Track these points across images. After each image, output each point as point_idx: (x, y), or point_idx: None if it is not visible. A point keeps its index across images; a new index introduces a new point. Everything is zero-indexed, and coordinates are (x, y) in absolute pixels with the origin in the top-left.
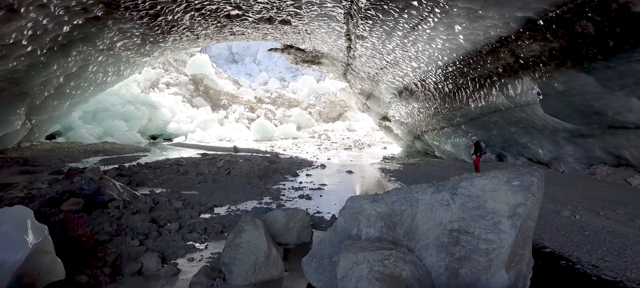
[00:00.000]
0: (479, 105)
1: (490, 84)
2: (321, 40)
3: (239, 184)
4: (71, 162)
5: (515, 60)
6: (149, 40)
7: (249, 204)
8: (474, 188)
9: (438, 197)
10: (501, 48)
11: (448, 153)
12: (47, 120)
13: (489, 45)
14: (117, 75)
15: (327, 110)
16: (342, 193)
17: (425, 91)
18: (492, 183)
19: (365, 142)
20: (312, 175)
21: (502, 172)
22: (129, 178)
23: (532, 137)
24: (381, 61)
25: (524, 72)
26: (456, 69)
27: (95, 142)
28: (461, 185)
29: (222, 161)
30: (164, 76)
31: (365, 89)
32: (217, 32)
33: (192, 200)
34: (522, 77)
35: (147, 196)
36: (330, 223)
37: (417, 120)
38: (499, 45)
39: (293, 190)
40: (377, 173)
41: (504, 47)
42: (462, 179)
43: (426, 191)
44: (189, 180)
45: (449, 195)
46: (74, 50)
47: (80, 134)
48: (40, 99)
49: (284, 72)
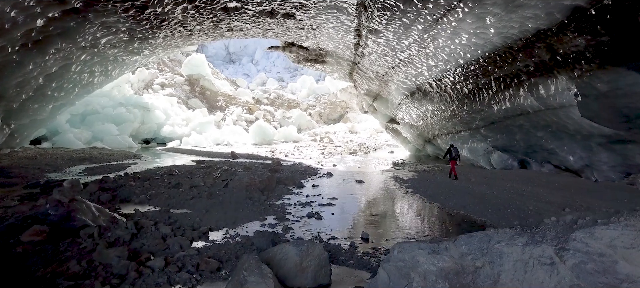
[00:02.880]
0: (503, 108)
1: (518, 84)
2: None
3: (238, 199)
4: (52, 172)
5: (552, 57)
6: (137, 37)
7: (250, 226)
8: (595, 241)
9: (535, 251)
10: (537, 43)
11: (464, 158)
12: (28, 124)
13: (523, 39)
14: (104, 75)
15: (328, 111)
16: (355, 209)
17: (441, 92)
18: (625, 235)
19: (370, 146)
20: (319, 186)
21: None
22: (112, 193)
23: (561, 142)
24: (393, 59)
25: (561, 70)
26: (479, 67)
27: (83, 148)
28: (574, 237)
29: (219, 171)
30: (158, 77)
31: (372, 89)
32: (213, 28)
33: (183, 222)
34: (557, 76)
35: (129, 219)
36: (350, 254)
37: (430, 123)
38: (535, 39)
39: (300, 206)
40: (390, 182)
41: (540, 41)
42: (571, 225)
43: (514, 242)
44: (181, 194)
45: (554, 249)
46: (52, 47)
47: (67, 139)
48: (17, 102)
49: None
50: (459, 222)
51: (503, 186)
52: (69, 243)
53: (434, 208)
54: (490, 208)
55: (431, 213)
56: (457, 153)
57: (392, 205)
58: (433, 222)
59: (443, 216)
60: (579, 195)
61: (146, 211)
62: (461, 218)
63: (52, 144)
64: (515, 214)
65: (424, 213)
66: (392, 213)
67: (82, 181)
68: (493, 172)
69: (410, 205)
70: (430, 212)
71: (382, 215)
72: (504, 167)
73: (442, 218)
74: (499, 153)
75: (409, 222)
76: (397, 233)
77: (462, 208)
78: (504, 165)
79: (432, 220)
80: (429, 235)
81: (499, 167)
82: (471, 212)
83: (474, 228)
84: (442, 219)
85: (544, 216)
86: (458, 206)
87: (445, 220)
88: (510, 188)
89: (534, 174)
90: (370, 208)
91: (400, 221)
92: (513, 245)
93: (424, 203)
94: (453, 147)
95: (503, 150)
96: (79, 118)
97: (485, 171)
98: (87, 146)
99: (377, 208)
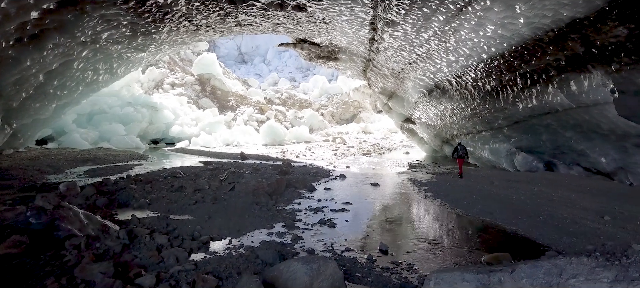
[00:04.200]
0: (529, 106)
1: (546, 80)
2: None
3: (245, 204)
4: (52, 174)
5: (587, 50)
6: (140, 31)
7: (256, 235)
8: None
9: None
10: (571, 34)
11: (484, 160)
12: (31, 124)
13: (555, 30)
14: (109, 73)
15: (340, 111)
16: (371, 216)
17: (462, 89)
18: None
19: (384, 146)
20: (331, 190)
21: None
22: (110, 197)
23: (592, 143)
24: (410, 54)
25: (596, 64)
26: (504, 62)
27: (89, 148)
28: None
29: (226, 172)
30: (169, 76)
31: (387, 87)
32: (220, 22)
33: (183, 230)
34: (592, 70)
35: (123, 228)
36: (367, 269)
37: (449, 122)
38: (569, 30)
39: (311, 213)
40: (407, 186)
41: (575, 32)
42: None
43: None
44: (183, 198)
45: None
46: (50, 42)
47: (73, 139)
48: (17, 101)
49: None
50: (487, 231)
51: (530, 190)
52: (51, 256)
53: (457, 215)
54: (520, 215)
55: (455, 221)
56: (464, 151)
57: (411, 211)
58: (458, 232)
59: (469, 224)
60: (616, 200)
61: (144, 217)
62: (489, 227)
63: (58, 144)
64: (549, 222)
65: (447, 221)
66: (412, 220)
67: (81, 183)
68: (517, 175)
69: (431, 212)
70: (454, 220)
71: (400, 223)
72: (529, 169)
73: (468, 227)
74: (523, 154)
75: (431, 231)
76: (419, 245)
77: (488, 216)
78: (529, 167)
79: (457, 229)
80: (457, 247)
81: (523, 169)
82: (499, 219)
83: (507, 240)
84: (468, 228)
85: (582, 224)
86: (484, 213)
87: (472, 230)
88: (538, 193)
89: (561, 177)
90: (388, 215)
91: (421, 230)
92: (596, 281)
93: (445, 210)
94: (460, 144)
95: (528, 151)
96: (86, 118)
97: (508, 173)
98: (93, 146)
99: (394, 215)
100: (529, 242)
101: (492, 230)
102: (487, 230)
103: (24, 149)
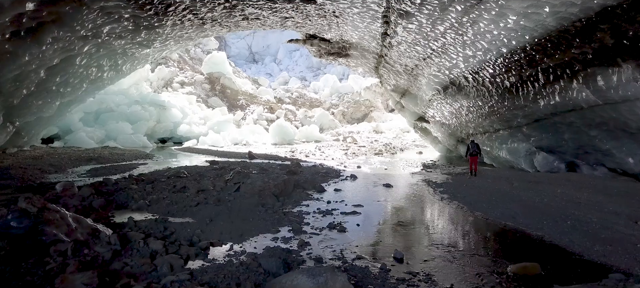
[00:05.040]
0: (551, 103)
1: (571, 75)
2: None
3: (250, 206)
4: (53, 173)
5: (617, 42)
6: (143, 25)
7: (259, 240)
8: None
9: None
10: (600, 24)
11: (501, 160)
12: (35, 122)
13: (583, 20)
14: (114, 70)
15: (351, 111)
16: (384, 220)
17: (479, 86)
18: None
19: (396, 146)
20: (341, 191)
21: None
22: (108, 197)
23: (619, 143)
24: (425, 49)
25: (627, 57)
26: (525, 56)
27: (95, 147)
28: None
29: (232, 172)
30: (178, 75)
31: (400, 85)
32: (226, 15)
33: (182, 234)
34: (622, 64)
35: (117, 231)
36: (381, 281)
37: (464, 121)
38: (599, 19)
39: (319, 215)
40: (422, 187)
41: (605, 22)
42: None
43: None
44: (185, 200)
45: None
46: (48, 36)
47: (80, 138)
48: (17, 98)
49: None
50: (510, 237)
51: (552, 192)
52: (33, 264)
53: (476, 219)
54: (545, 219)
55: (475, 226)
56: (477, 148)
57: (426, 214)
58: (479, 237)
59: (490, 229)
60: None
61: (141, 220)
62: (513, 233)
63: (64, 143)
64: (578, 227)
65: (465, 225)
66: (428, 224)
67: (81, 183)
68: (537, 176)
69: (448, 215)
70: (474, 224)
71: (416, 227)
72: (549, 170)
73: (489, 232)
74: (544, 154)
75: (450, 237)
76: (437, 252)
77: (510, 220)
78: (549, 167)
79: (478, 235)
80: (478, 255)
81: (543, 169)
82: (522, 224)
83: (534, 247)
84: (489, 233)
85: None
86: (505, 216)
87: (494, 235)
88: (562, 195)
89: (585, 179)
90: (402, 218)
91: (438, 235)
92: None
93: (463, 213)
94: (472, 142)
95: (548, 151)
96: (93, 116)
97: (527, 174)
98: (99, 145)
99: (409, 218)
100: (558, 250)
101: (515, 236)
102: (510, 236)
103: (29, 148)
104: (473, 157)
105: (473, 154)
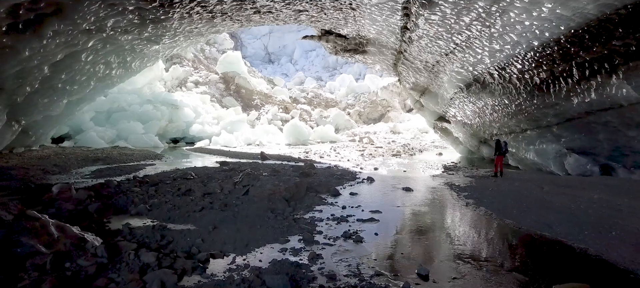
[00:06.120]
0: (586, 101)
1: (610, 70)
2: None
3: (258, 211)
4: (56, 174)
5: None
6: (149, 18)
7: (266, 252)
8: None
9: None
10: None
11: (528, 162)
12: (43, 121)
13: (630, 6)
14: (123, 68)
15: (368, 111)
16: (405, 228)
17: (505, 83)
18: None
19: (415, 147)
20: (358, 195)
21: None
22: (106, 201)
23: None
24: (448, 44)
25: None
26: (559, 50)
27: (105, 147)
28: None
29: (241, 174)
30: (193, 74)
31: (419, 83)
32: (237, 8)
33: (180, 243)
34: None
35: (106, 242)
36: None
37: (488, 120)
38: None
39: (333, 223)
40: (444, 191)
41: None
42: None
43: None
44: (189, 204)
45: None
46: (49, 30)
47: (90, 137)
48: (21, 95)
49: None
50: (549, 249)
51: (588, 197)
52: (2, 281)
53: (508, 228)
54: (586, 229)
55: (507, 236)
56: (506, 148)
57: (451, 222)
58: (514, 250)
59: (524, 240)
60: None
61: (138, 226)
62: (551, 245)
63: (74, 143)
64: (626, 240)
65: (496, 236)
66: (454, 234)
67: (84, 185)
68: (568, 179)
69: (476, 223)
70: (505, 234)
71: (440, 238)
72: (582, 173)
73: (525, 244)
74: (576, 156)
75: (479, 249)
76: (466, 268)
77: (546, 229)
78: (582, 170)
79: (511, 247)
80: (514, 271)
81: (574, 172)
82: (560, 234)
83: (578, 262)
84: (523, 245)
85: None
86: (540, 225)
87: (530, 248)
88: (599, 201)
89: (623, 183)
90: (424, 227)
91: (466, 247)
92: None
93: (493, 221)
94: (501, 140)
95: (580, 152)
96: (104, 116)
97: (557, 177)
98: (110, 145)
99: (432, 227)
100: (606, 266)
101: (555, 249)
102: (548, 249)
103: (38, 148)
104: (500, 156)
105: (502, 153)
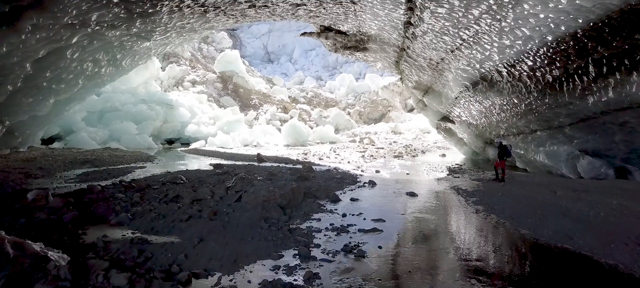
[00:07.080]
0: (602, 100)
1: (630, 67)
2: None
3: (250, 221)
4: (40, 178)
5: None
6: (136, 12)
7: (256, 269)
8: None
9: None
10: None
11: (538, 164)
12: (29, 121)
13: None
14: (113, 66)
15: (368, 111)
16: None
17: (514, 81)
18: None
19: (417, 148)
20: (359, 200)
21: None
22: (84, 209)
23: None
24: (454, 39)
25: None
26: (574, 45)
27: (96, 148)
28: None
29: (234, 178)
30: (190, 73)
31: (423, 81)
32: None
33: (160, 260)
34: None
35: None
36: None
37: (495, 120)
38: None
39: (333, 233)
40: (451, 196)
41: None
42: None
43: None
44: (175, 212)
45: None
46: (27, 23)
47: (81, 138)
48: (2, 94)
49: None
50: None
51: (606, 203)
52: None
53: (524, 239)
54: (612, 241)
55: (524, 249)
56: (508, 151)
57: (461, 232)
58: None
59: (545, 254)
60: None
61: (115, 239)
62: (575, 260)
63: (65, 144)
64: None
65: (513, 249)
66: (465, 248)
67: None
68: (582, 183)
69: (488, 234)
70: (523, 247)
71: (451, 251)
72: (595, 176)
73: (546, 259)
74: (589, 158)
75: (494, 265)
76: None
77: (567, 241)
78: (595, 173)
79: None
80: None
81: (587, 176)
82: (584, 248)
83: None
84: (546, 261)
85: None
86: (560, 236)
87: (553, 263)
88: (619, 208)
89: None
90: (432, 238)
91: (480, 263)
92: None
93: (507, 231)
94: (502, 144)
95: (594, 154)
96: (97, 116)
97: (569, 181)
98: (101, 146)
99: (441, 238)
100: None
101: (580, 264)
102: (572, 264)
103: (26, 149)
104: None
105: (507, 156)
